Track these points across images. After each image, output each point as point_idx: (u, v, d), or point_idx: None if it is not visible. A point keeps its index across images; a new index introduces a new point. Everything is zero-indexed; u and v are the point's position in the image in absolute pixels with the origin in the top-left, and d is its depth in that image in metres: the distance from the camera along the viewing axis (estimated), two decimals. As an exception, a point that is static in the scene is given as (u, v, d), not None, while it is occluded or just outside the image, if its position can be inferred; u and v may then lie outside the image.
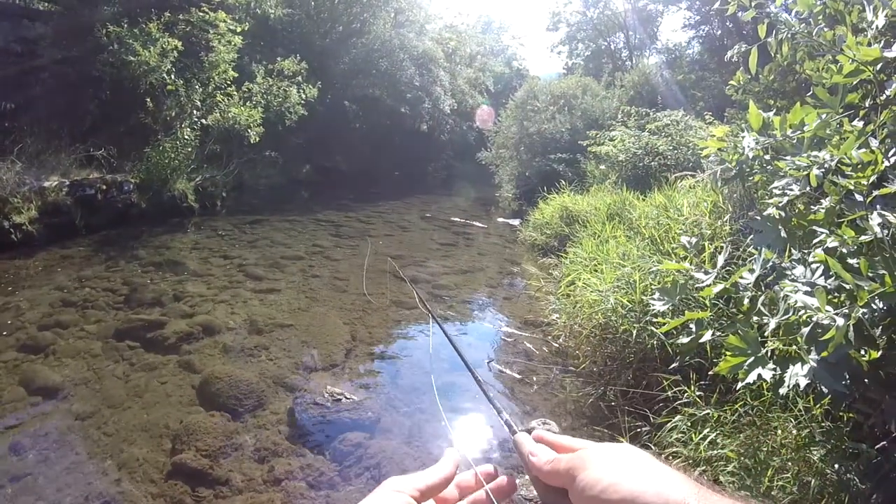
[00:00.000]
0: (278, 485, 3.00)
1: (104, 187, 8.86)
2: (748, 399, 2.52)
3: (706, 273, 2.23)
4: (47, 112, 9.35)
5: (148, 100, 9.89)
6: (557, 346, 4.85)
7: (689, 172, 5.87)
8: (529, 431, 0.57)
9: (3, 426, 3.51)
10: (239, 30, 11.40)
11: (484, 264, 8.10)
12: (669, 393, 3.04)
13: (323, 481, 3.05)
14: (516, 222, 11.21)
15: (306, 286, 6.46)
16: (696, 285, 2.39)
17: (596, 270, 4.97)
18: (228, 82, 11.23)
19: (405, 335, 5.24)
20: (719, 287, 2.11)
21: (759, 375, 1.91)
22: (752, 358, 1.93)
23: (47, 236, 7.81)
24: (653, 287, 3.81)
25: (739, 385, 2.09)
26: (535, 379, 4.29)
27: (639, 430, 3.16)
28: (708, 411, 2.66)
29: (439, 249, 8.92)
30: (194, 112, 10.67)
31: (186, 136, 10.24)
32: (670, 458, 2.60)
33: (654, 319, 3.53)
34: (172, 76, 10.13)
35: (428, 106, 19.02)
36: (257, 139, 11.48)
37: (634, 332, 3.66)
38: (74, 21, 9.99)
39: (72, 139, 9.34)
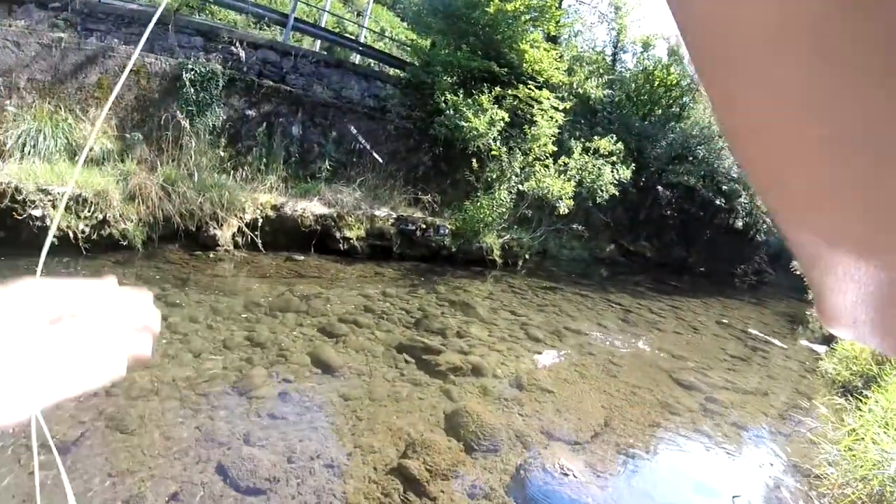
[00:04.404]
0: (478, 525, 3.10)
1: (424, 226, 10.47)
2: None
3: None
4: (389, 157, 11.64)
5: (474, 160, 11.27)
6: (819, 506, 3.92)
7: None
8: None
9: (281, 377, 4.44)
10: (561, 107, 12.14)
11: (771, 389, 6.93)
12: None
13: (522, 544, 3.05)
14: (822, 349, 9.26)
15: (579, 361, 6.46)
16: None
17: (888, 425, 3.95)
18: (547, 154, 11.93)
19: (661, 439, 4.83)
20: None
21: None
22: None
23: (368, 253, 9.57)
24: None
25: None
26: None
27: None
28: None
29: (726, 361, 7.98)
30: (513, 177, 11.66)
31: (503, 198, 11.26)
32: None
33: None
34: (498, 143, 11.35)
35: (745, 201, 17.37)
36: (567, 211, 11.80)
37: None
38: (418, 86, 12.36)
39: (405, 182, 11.42)
